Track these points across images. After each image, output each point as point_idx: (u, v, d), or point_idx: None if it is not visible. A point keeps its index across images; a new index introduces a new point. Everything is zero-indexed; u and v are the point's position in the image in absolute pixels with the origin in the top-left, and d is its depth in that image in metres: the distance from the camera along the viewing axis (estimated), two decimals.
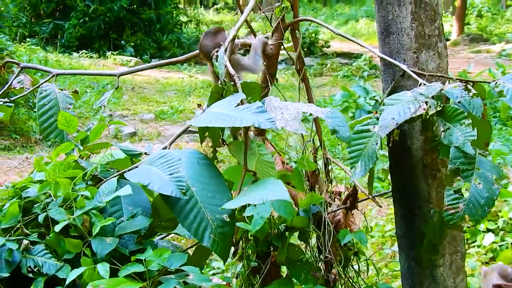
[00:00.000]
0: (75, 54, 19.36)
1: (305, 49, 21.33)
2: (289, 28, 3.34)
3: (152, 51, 21.43)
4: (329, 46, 23.16)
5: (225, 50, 2.84)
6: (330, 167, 3.30)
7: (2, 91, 3.25)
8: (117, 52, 20.05)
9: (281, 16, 3.25)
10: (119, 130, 10.82)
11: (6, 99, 3.24)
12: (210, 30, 3.29)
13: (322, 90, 15.22)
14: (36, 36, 20.91)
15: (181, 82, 16.31)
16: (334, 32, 3.38)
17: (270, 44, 3.27)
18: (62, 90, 3.23)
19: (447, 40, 24.05)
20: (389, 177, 4.30)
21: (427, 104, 2.68)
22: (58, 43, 20.80)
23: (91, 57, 19.31)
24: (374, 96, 11.10)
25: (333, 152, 8.61)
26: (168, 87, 15.84)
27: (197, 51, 3.29)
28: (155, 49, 21.66)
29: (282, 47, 3.30)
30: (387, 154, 3.23)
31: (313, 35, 22.52)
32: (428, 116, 2.70)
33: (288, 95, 11.38)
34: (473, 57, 20.81)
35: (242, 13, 3.28)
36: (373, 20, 30.80)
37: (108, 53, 19.74)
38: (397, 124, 2.61)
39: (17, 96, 3.26)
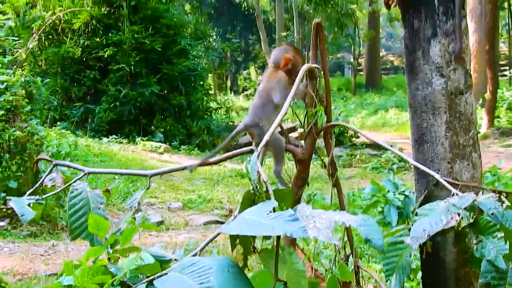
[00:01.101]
0: (104, 139, 19.54)
1: (334, 139, 21.41)
2: (322, 132, 3.36)
3: (181, 137, 21.58)
4: (358, 137, 23.23)
5: (258, 155, 2.86)
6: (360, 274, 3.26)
7: (34, 188, 3.28)
8: (146, 137, 20.22)
9: (314, 121, 3.27)
10: (146, 219, 10.81)
11: (37, 197, 3.26)
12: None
13: (351, 182, 15.16)
14: (67, 120, 21.22)
15: (209, 171, 16.37)
16: (367, 138, 3.39)
17: (303, 149, 3.29)
18: (93, 189, 3.26)
19: (477, 133, 23.99)
20: (418, 276, 4.22)
21: (459, 216, 2.66)
22: (88, 127, 21.06)
23: (121, 142, 19.47)
24: (404, 191, 11.00)
25: (361, 248, 8.50)
26: (196, 175, 15.88)
27: (235, 151, 3.33)
28: (184, 135, 21.81)
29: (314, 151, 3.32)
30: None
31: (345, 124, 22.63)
32: (460, 228, 2.68)
33: (315, 187, 11.33)
34: (503, 151, 20.67)
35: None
36: (402, 110, 30.97)
37: (138, 139, 19.90)
38: (429, 235, 2.59)
39: (48, 194, 3.28)
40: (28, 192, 3.25)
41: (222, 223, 10.68)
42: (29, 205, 3.14)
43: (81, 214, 3.13)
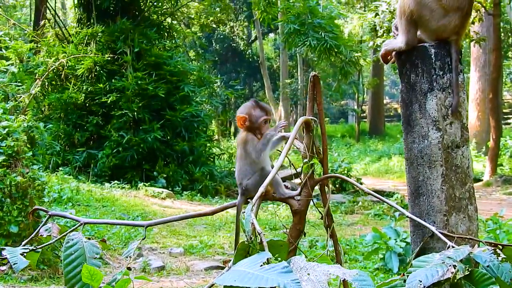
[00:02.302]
0: (107, 184, 19.53)
1: (337, 186, 21.42)
2: (318, 183, 3.39)
3: (184, 183, 21.56)
4: (361, 183, 23.22)
5: (252, 207, 2.88)
6: None
7: (29, 239, 3.29)
8: (149, 183, 20.20)
9: (309, 173, 3.30)
10: (147, 264, 10.79)
11: (32, 247, 3.27)
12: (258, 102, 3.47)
13: (353, 229, 15.13)
14: (69, 165, 21.22)
15: (211, 216, 16.33)
16: (362, 189, 3.41)
17: (298, 200, 3.32)
18: (89, 239, 3.27)
19: (480, 180, 23.97)
20: None
21: (455, 268, 2.67)
22: (90, 172, 21.06)
23: (123, 187, 19.46)
24: (405, 238, 11.01)
25: None
26: (198, 220, 15.86)
27: (230, 203, 3.35)
28: (187, 181, 21.78)
29: (311, 203, 3.34)
30: None
31: (346, 171, 22.67)
32: (456, 280, 2.68)
33: (317, 233, 11.30)
34: (505, 199, 20.64)
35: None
36: None
37: (140, 184, 19.88)
38: (424, 287, 2.59)
39: (43, 245, 3.29)
40: (23, 243, 3.27)
41: (223, 268, 10.65)
42: (23, 254, 3.14)
43: (76, 264, 3.14)
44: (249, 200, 3.14)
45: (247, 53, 47.93)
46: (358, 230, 14.73)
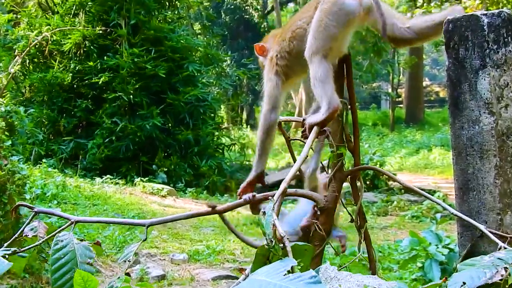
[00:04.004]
0: (98, 179, 19.54)
1: (367, 183, 21.37)
2: (349, 176, 3.38)
3: (188, 178, 21.55)
4: (397, 181, 23.11)
5: (273, 207, 2.87)
6: None
7: (12, 239, 3.30)
8: (147, 178, 20.19)
9: (338, 164, 3.30)
10: (145, 272, 10.82)
11: (16, 249, 3.27)
12: None
13: (387, 233, 15.12)
14: (54, 156, 21.26)
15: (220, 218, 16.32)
16: (401, 183, 3.41)
17: (325, 196, 3.31)
18: (81, 240, 3.27)
19: None
20: None
21: (506, 271, 2.66)
22: (79, 165, 21.08)
23: (117, 183, 19.46)
24: (448, 244, 10.97)
25: None
26: (205, 222, 15.87)
27: (240, 201, 3.35)
28: (191, 176, 21.78)
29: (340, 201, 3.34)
30: None
31: (378, 166, 22.62)
32: (507, 286, 2.68)
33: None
34: None
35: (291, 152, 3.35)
36: (449, 149, 30.83)
37: (137, 179, 19.88)
38: None
39: (29, 247, 3.30)
40: (5, 244, 3.27)
41: (234, 278, 10.67)
42: (4, 256, 3.15)
43: (67, 270, 3.13)
44: (270, 198, 3.13)
45: (262, 26, 47.80)
46: (393, 235, 14.71)
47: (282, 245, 2.75)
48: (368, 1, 3.43)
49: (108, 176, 19.91)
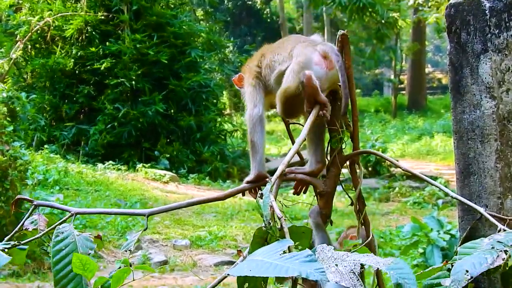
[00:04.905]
0: (100, 165, 19.57)
1: (369, 169, 21.38)
2: (348, 161, 3.37)
3: (190, 164, 21.58)
4: (397, 166, 23.12)
5: (271, 187, 2.87)
6: None
7: (13, 233, 3.29)
8: (149, 164, 20.21)
9: (338, 149, 3.29)
10: (147, 258, 10.85)
11: (16, 242, 3.27)
12: None
13: (388, 219, 15.15)
14: (56, 142, 21.32)
15: (222, 204, 16.37)
16: (402, 168, 3.40)
17: (325, 180, 3.31)
18: (82, 231, 3.27)
19: None
20: None
21: (506, 254, 2.66)
22: (81, 151, 21.15)
23: (119, 169, 19.50)
24: (450, 230, 10.99)
25: None
26: (207, 208, 15.90)
27: (242, 186, 3.36)
28: (193, 162, 21.81)
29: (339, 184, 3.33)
30: None
31: (380, 152, 22.60)
32: (508, 268, 2.68)
33: (346, 223, 11.34)
34: None
35: (292, 141, 3.34)
36: (451, 136, 30.77)
37: (139, 165, 19.91)
38: (471, 277, 2.58)
39: (29, 239, 3.29)
40: (6, 239, 3.27)
41: (232, 262, 10.69)
42: (3, 250, 3.14)
43: (68, 261, 3.12)
44: (268, 180, 3.12)
45: (265, 12, 47.81)
46: (394, 221, 14.75)
47: (279, 227, 2.75)
48: (333, 72, 3.37)
49: (110, 162, 19.94)
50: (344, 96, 3.24)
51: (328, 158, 3.35)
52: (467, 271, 2.58)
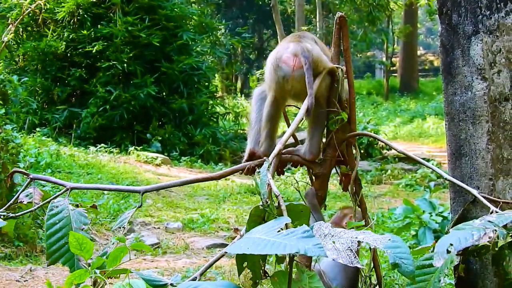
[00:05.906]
0: (92, 148, 19.53)
1: (361, 151, 21.38)
2: (344, 143, 3.41)
3: (182, 147, 21.53)
4: (390, 149, 23.14)
5: (269, 166, 2.90)
6: None
7: (8, 205, 3.30)
8: (141, 147, 20.17)
9: (334, 130, 3.33)
10: (139, 241, 10.84)
11: (10, 212, 3.28)
12: None
13: (381, 201, 15.17)
14: (48, 125, 21.26)
15: (214, 186, 16.39)
16: (397, 150, 3.45)
17: (321, 162, 3.35)
18: (77, 206, 3.28)
19: None
20: None
21: (494, 233, 2.67)
22: (73, 134, 21.07)
23: (111, 152, 19.43)
24: (442, 212, 11.03)
25: (390, 277, 8.51)
26: (199, 191, 15.90)
27: (237, 166, 3.40)
28: (185, 144, 21.75)
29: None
30: None
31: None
32: (497, 248, 2.70)
33: (338, 207, 11.41)
34: None
35: (288, 123, 3.39)
36: (443, 118, 30.75)
37: (131, 148, 19.86)
38: (456, 251, 2.60)
39: (22, 212, 3.30)
40: (1, 210, 3.29)
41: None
42: None
43: (61, 235, 3.13)
44: (265, 159, 3.18)
45: None
46: (387, 203, 14.77)
47: (277, 205, 2.77)
48: (300, 72, 3.41)
49: (102, 145, 19.86)
50: (309, 96, 3.27)
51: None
52: (451, 244, 2.61)
